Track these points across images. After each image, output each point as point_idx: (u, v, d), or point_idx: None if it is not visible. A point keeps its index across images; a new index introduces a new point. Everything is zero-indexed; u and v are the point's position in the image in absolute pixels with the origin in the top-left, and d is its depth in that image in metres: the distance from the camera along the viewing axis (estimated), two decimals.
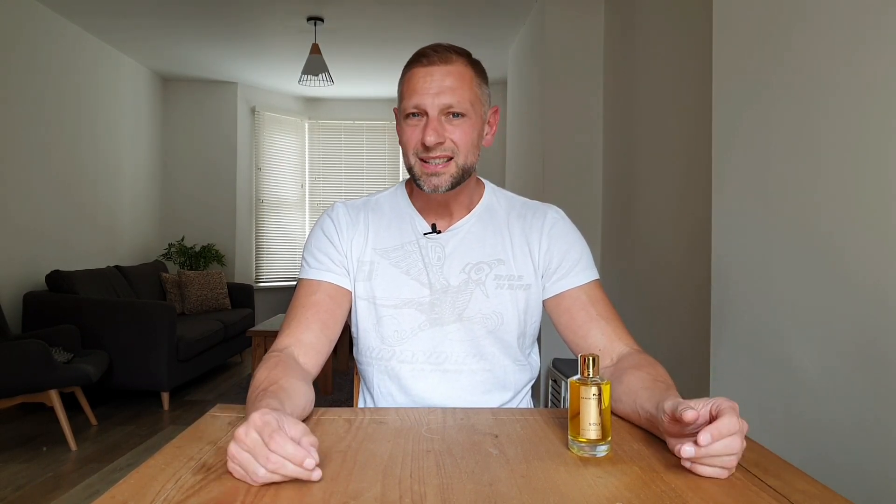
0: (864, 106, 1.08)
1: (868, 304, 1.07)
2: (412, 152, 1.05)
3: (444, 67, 1.03)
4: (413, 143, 1.04)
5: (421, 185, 1.05)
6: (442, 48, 1.05)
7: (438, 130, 1.02)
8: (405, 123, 1.05)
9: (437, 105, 1.01)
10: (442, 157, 1.03)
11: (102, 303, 3.75)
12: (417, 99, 1.02)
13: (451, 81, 1.02)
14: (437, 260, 1.10)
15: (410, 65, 1.06)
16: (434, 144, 1.01)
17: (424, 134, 1.01)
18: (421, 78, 1.03)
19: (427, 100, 1.01)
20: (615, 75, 3.24)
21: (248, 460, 0.64)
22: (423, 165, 1.04)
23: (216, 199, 5.92)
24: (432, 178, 1.04)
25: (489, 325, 1.08)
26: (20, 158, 3.86)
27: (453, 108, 1.02)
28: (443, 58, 1.03)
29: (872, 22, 1.06)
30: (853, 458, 1.09)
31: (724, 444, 0.67)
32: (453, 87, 1.02)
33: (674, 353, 2.35)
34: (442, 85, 1.02)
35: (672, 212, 2.46)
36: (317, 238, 1.13)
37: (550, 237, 1.12)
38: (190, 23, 4.40)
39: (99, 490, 2.51)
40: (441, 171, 1.03)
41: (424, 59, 1.04)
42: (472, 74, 1.06)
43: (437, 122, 1.02)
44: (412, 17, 4.26)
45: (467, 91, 1.03)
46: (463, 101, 1.03)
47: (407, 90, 1.04)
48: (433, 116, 1.02)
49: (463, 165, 1.05)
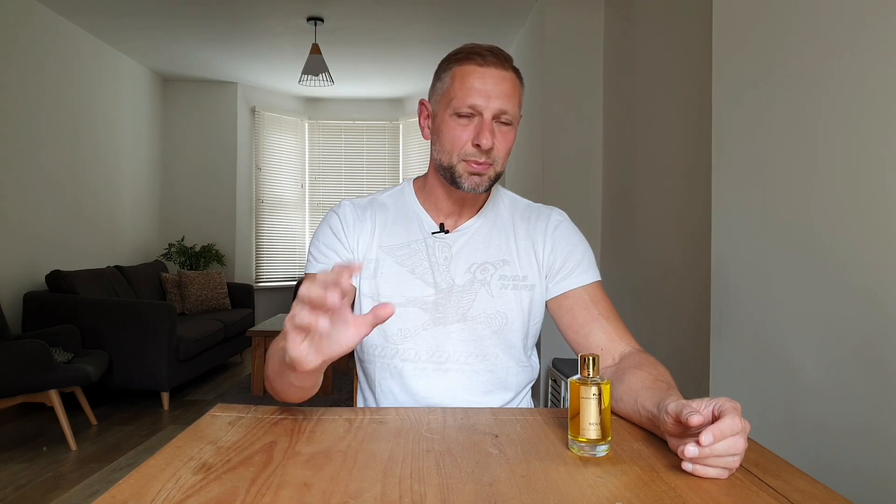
0: (864, 107, 1.08)
1: (867, 305, 1.07)
2: (458, 152, 1.03)
3: (502, 72, 1.02)
4: (461, 143, 1.03)
5: (461, 183, 1.04)
6: (497, 50, 1.04)
7: (494, 134, 1.01)
8: (452, 121, 1.03)
9: (492, 109, 1.01)
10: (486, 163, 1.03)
11: (102, 303, 3.75)
12: (475, 98, 1.00)
13: (507, 88, 1.02)
14: (444, 260, 1.10)
15: (462, 61, 1.03)
16: (489, 148, 1.01)
17: (480, 136, 1.00)
18: (479, 78, 1.01)
19: (484, 101, 1.00)
20: (615, 75, 3.24)
21: (310, 318, 0.68)
22: (467, 165, 1.03)
23: (216, 199, 5.92)
24: (474, 178, 1.04)
25: (494, 326, 1.09)
26: (20, 158, 3.86)
27: (506, 114, 1.02)
28: (500, 63, 1.02)
29: (873, 22, 1.06)
30: (853, 459, 1.09)
31: (726, 445, 0.67)
32: (509, 95, 1.02)
33: (674, 353, 2.35)
34: (498, 89, 1.01)
35: (672, 212, 2.46)
36: (324, 234, 1.14)
37: (554, 238, 1.13)
38: (190, 23, 4.40)
39: (99, 490, 2.51)
40: (483, 171, 1.03)
41: (480, 59, 1.02)
42: (520, 84, 1.06)
43: (492, 125, 1.01)
44: (412, 17, 4.26)
45: (517, 101, 1.04)
46: (514, 109, 1.03)
47: (461, 87, 1.02)
48: (487, 119, 1.01)
49: (499, 171, 1.06)
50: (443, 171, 1.07)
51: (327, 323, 0.69)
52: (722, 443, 0.67)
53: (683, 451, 0.68)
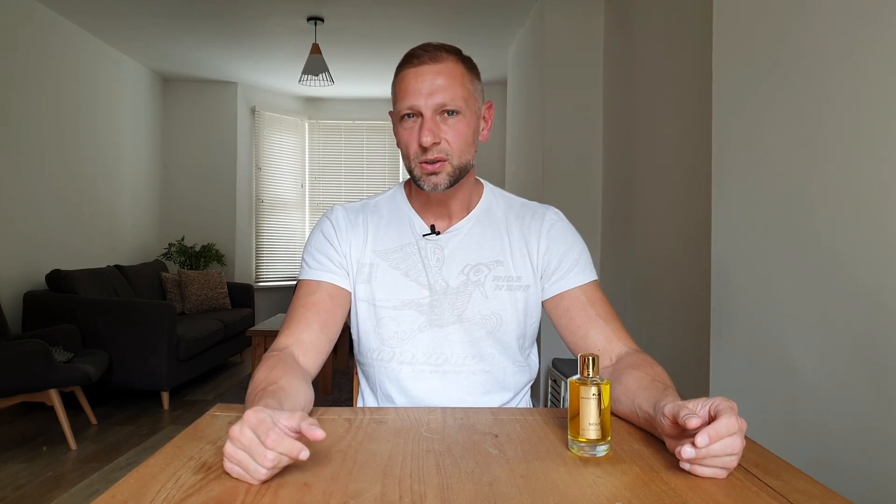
0: (864, 107, 1.08)
1: (867, 305, 1.07)
2: (412, 155, 1.04)
3: (435, 66, 1.02)
4: (412, 147, 1.04)
5: (421, 185, 1.05)
6: (431, 47, 1.04)
7: (434, 130, 1.01)
8: (401, 126, 1.06)
9: (430, 105, 1.01)
10: (437, 159, 1.03)
11: (102, 303, 3.75)
12: (410, 100, 1.02)
13: (442, 80, 1.02)
14: (437, 261, 1.10)
15: (401, 66, 1.06)
16: (430, 144, 1.01)
17: (420, 134, 1.01)
18: (412, 79, 1.02)
19: (420, 100, 1.01)
20: (615, 75, 3.24)
21: (246, 459, 0.64)
22: (422, 166, 1.04)
23: (216, 199, 5.92)
24: (431, 178, 1.04)
25: (488, 327, 1.09)
26: (20, 158, 3.86)
27: (447, 106, 1.02)
28: (433, 56, 1.03)
29: (872, 22, 1.06)
30: (852, 459, 1.09)
31: (723, 445, 0.67)
32: (445, 86, 1.02)
33: (674, 353, 2.35)
34: (434, 84, 1.01)
35: (672, 212, 2.46)
36: (316, 240, 1.14)
37: (549, 238, 1.12)
38: (190, 23, 4.40)
39: (99, 490, 2.51)
40: (438, 169, 1.03)
41: (415, 60, 1.03)
42: (464, 71, 1.05)
43: (431, 121, 1.02)
44: (412, 17, 4.26)
45: (459, 88, 1.03)
46: (456, 98, 1.02)
47: (400, 92, 1.04)
48: (428, 117, 1.02)
49: (458, 165, 1.05)
50: (410, 175, 1.08)
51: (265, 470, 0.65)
52: (719, 443, 0.66)
53: (680, 452, 0.68)
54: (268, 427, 0.64)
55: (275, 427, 0.65)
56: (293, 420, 0.67)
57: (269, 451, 0.63)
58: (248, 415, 0.66)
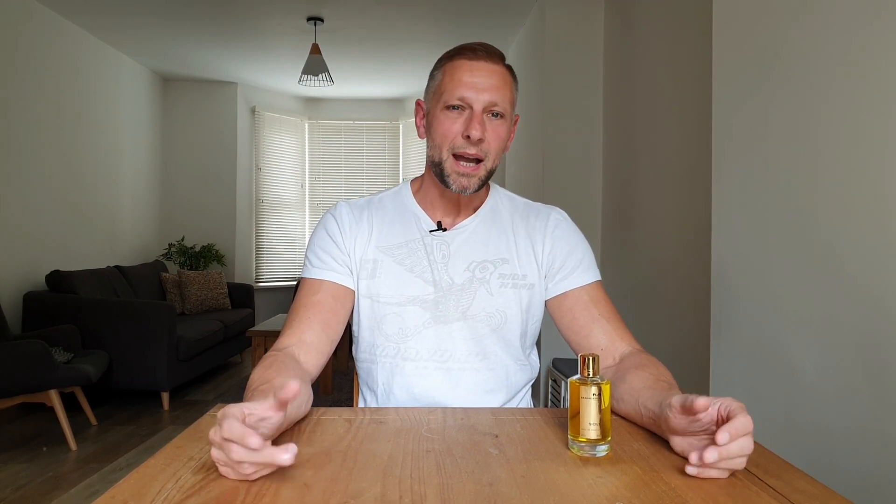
0: (864, 108, 1.08)
1: (868, 305, 1.07)
2: (448, 146, 1.03)
3: (491, 66, 1.03)
4: (451, 135, 1.03)
5: (449, 183, 1.05)
6: (489, 47, 1.05)
7: (482, 126, 1.01)
8: (443, 115, 1.04)
9: (482, 101, 1.01)
10: (475, 157, 1.03)
11: (102, 303, 3.75)
12: (464, 91, 1.01)
13: (496, 80, 1.02)
14: (442, 258, 1.10)
15: (453, 56, 1.05)
16: (477, 140, 1.01)
17: (470, 127, 1.00)
18: (468, 71, 1.02)
19: (473, 93, 1.01)
20: (615, 75, 3.24)
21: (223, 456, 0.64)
22: (455, 163, 1.03)
23: (216, 199, 5.92)
24: (462, 179, 1.03)
25: (493, 324, 1.09)
26: (20, 158, 3.86)
27: (497, 106, 1.02)
28: (489, 56, 1.03)
29: (872, 22, 1.06)
30: (852, 459, 1.09)
31: (738, 445, 0.66)
32: (498, 87, 1.02)
33: (674, 353, 2.35)
34: (489, 82, 1.02)
35: (672, 212, 2.46)
36: (320, 237, 1.13)
37: (554, 238, 1.13)
38: (190, 23, 4.40)
39: (99, 490, 2.51)
40: (472, 172, 1.03)
41: (470, 53, 1.03)
42: (511, 79, 1.07)
43: (480, 117, 1.02)
44: (412, 17, 4.26)
45: (508, 93, 1.04)
46: (504, 101, 1.03)
47: (450, 81, 1.03)
48: (477, 111, 1.01)
49: (490, 168, 1.05)
50: (434, 168, 1.07)
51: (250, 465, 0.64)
52: (735, 443, 0.66)
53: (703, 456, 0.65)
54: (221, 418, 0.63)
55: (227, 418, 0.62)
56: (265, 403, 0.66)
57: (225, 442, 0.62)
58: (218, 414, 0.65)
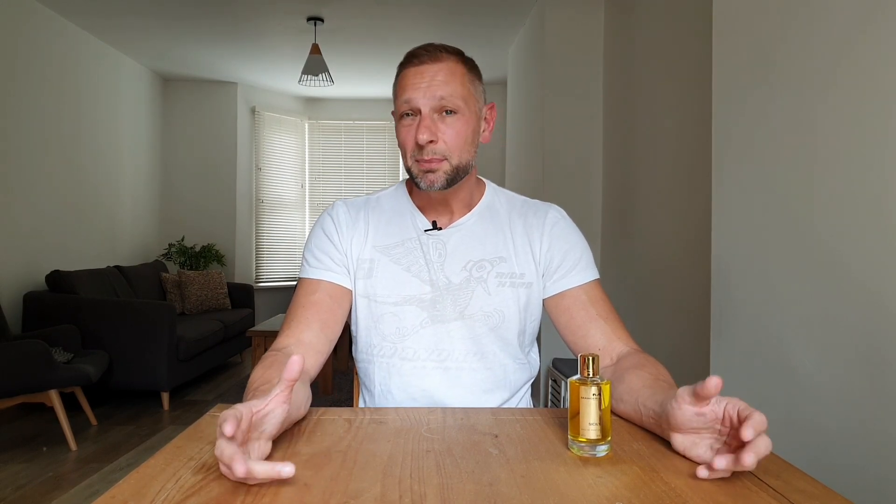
0: (864, 107, 1.08)
1: (868, 305, 1.07)
2: (409, 153, 1.05)
3: (435, 65, 1.03)
4: (409, 144, 1.05)
5: (418, 182, 1.06)
6: (432, 47, 1.06)
7: (431, 128, 1.02)
8: (400, 124, 1.06)
9: (428, 100, 1.02)
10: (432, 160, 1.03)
11: (102, 303, 3.75)
12: (408, 95, 1.03)
13: (441, 77, 1.03)
14: (439, 257, 1.10)
15: (402, 66, 1.07)
16: (426, 143, 1.01)
17: (417, 132, 1.02)
18: (412, 77, 1.03)
19: (418, 96, 1.02)
20: (615, 75, 3.24)
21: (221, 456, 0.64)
22: (419, 164, 1.04)
23: (216, 199, 5.92)
24: (428, 175, 1.04)
25: (490, 323, 1.08)
26: (20, 158, 3.86)
27: (445, 101, 1.02)
28: (433, 56, 1.04)
29: (873, 22, 1.06)
30: (852, 458, 1.09)
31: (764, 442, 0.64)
32: (444, 82, 1.03)
33: (674, 353, 2.35)
34: (432, 81, 1.02)
35: (672, 212, 2.46)
36: (317, 237, 1.13)
37: (552, 236, 1.13)
38: (190, 23, 4.40)
39: (99, 490, 2.51)
40: (435, 167, 1.04)
41: (415, 59, 1.04)
42: (464, 70, 1.06)
43: (429, 119, 1.02)
44: (412, 17, 4.26)
45: (458, 87, 1.04)
46: (454, 95, 1.03)
47: (399, 90, 1.06)
48: (426, 114, 1.02)
49: (457, 165, 1.05)
50: (408, 173, 1.09)
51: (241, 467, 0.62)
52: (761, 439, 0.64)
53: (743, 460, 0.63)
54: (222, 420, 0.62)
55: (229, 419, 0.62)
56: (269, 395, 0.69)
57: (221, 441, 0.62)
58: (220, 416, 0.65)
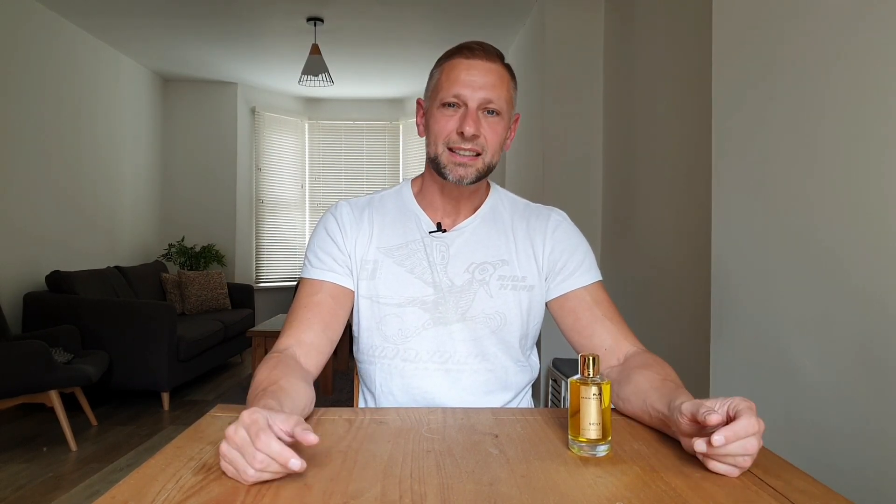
0: (864, 107, 1.08)
1: (867, 305, 1.07)
2: (442, 141, 1.05)
3: (488, 64, 1.04)
4: (446, 132, 1.04)
5: (446, 174, 1.05)
6: (486, 45, 1.06)
7: (477, 123, 1.02)
8: (439, 112, 1.05)
9: (477, 98, 1.03)
10: (472, 151, 1.04)
11: (102, 303, 3.75)
12: (459, 89, 1.03)
13: (492, 78, 1.03)
14: (442, 259, 1.10)
15: (451, 55, 1.06)
16: (471, 136, 1.02)
17: (463, 123, 1.02)
18: (464, 70, 1.03)
19: (468, 91, 1.02)
20: (615, 75, 3.24)
21: (238, 458, 0.64)
22: (452, 155, 1.04)
23: (216, 200, 5.92)
24: (459, 169, 1.04)
25: (492, 326, 1.09)
26: (20, 159, 3.86)
27: (492, 104, 1.03)
28: (487, 54, 1.05)
29: (872, 22, 1.06)
30: (852, 459, 1.09)
31: (740, 445, 0.67)
32: (494, 84, 1.03)
33: (674, 353, 2.35)
34: (484, 80, 1.03)
35: (672, 212, 2.46)
36: (320, 237, 1.13)
37: (554, 239, 1.13)
38: (190, 23, 4.40)
39: (99, 490, 2.51)
40: (469, 163, 1.04)
41: (467, 52, 1.05)
42: (509, 78, 1.08)
43: (475, 114, 1.03)
44: (412, 17, 4.26)
45: (505, 91, 1.05)
46: (500, 99, 1.04)
47: (447, 79, 1.05)
48: (472, 108, 1.03)
49: (489, 163, 1.06)
50: (431, 163, 1.08)
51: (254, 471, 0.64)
52: (736, 443, 0.67)
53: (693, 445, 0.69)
54: (259, 428, 0.64)
55: (267, 429, 0.65)
56: (288, 423, 0.67)
57: (258, 452, 0.63)
58: (243, 415, 0.66)
